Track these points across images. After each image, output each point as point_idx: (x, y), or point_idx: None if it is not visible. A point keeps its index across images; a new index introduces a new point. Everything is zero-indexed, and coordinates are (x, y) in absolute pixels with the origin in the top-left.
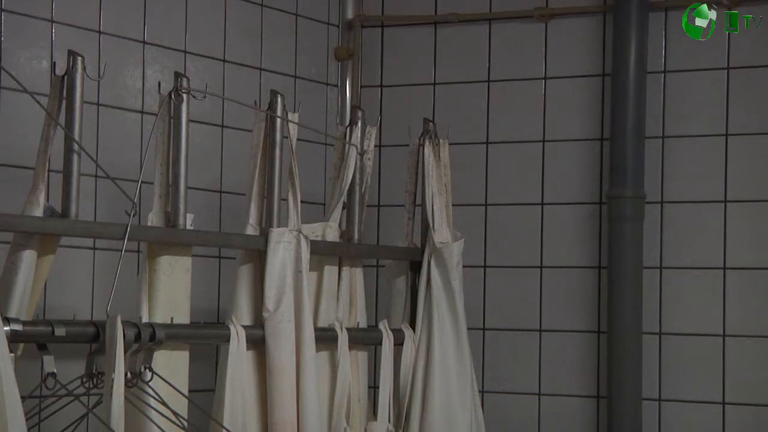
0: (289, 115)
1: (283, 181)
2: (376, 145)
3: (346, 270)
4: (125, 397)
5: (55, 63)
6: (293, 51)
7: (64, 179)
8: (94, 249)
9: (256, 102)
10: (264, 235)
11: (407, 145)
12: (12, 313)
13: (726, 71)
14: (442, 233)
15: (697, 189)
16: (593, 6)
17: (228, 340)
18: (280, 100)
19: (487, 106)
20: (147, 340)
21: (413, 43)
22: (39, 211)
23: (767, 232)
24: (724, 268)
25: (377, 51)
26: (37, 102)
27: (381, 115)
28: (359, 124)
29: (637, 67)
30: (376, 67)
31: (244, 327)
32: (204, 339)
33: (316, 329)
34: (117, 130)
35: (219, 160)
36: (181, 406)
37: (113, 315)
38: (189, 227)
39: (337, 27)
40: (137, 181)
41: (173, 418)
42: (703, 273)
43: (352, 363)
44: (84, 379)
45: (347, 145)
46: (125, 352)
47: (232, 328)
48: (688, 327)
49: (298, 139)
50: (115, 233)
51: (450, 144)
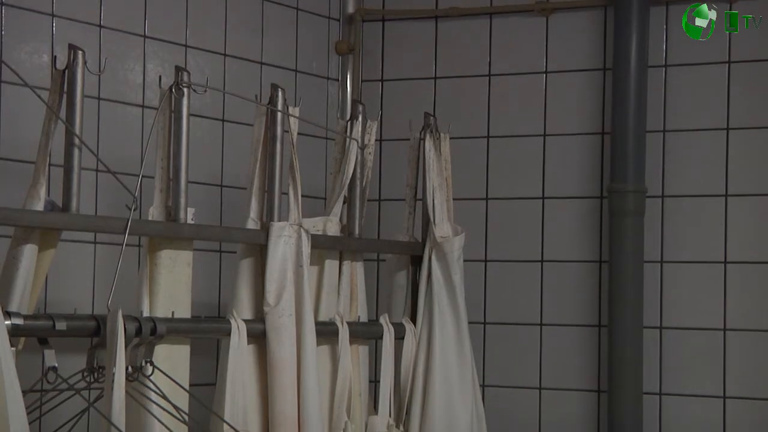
0: (290, 110)
1: (283, 176)
2: (376, 140)
3: (346, 264)
4: (126, 391)
5: (55, 57)
6: (294, 45)
7: (65, 173)
8: (95, 243)
9: (256, 96)
10: (265, 229)
11: (408, 139)
12: (13, 307)
13: (727, 65)
14: (442, 227)
15: (698, 183)
16: (594, 0)
17: (229, 335)
18: (280, 94)
19: (488, 101)
20: (148, 334)
21: (414, 37)
22: (40, 206)
23: None
24: (725, 262)
25: (378, 45)
26: (38, 96)
27: (382, 109)
28: (360, 119)
29: (638, 61)
30: (376, 61)
31: (245, 321)
32: (205, 333)
33: (317, 323)
34: (118, 125)
35: (220, 155)
36: (182, 400)
37: (114, 309)
38: (190, 221)
39: (338, 21)
40: (138, 176)
41: (174, 412)
42: (703, 267)
43: (352, 357)
44: (85, 373)
45: (348, 139)
46: (126, 346)
47: (233, 322)
48: (688, 321)
49: (298, 134)
50: (116, 227)
51: (451, 138)
